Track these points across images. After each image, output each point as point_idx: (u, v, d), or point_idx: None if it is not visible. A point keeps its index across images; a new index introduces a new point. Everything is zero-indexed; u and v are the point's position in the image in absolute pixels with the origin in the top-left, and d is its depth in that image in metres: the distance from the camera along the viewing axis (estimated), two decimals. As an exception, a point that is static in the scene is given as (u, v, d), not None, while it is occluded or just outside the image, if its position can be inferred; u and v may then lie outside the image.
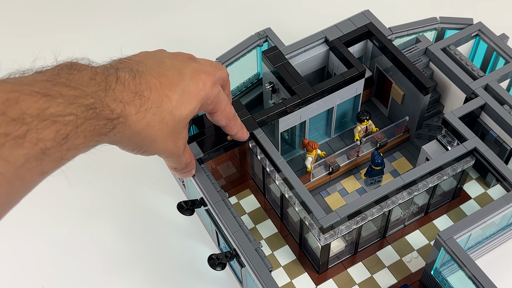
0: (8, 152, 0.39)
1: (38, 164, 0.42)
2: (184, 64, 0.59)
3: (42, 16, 1.27)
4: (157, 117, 0.54)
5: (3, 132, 0.39)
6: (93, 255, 0.91)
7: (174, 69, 0.57)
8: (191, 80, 0.58)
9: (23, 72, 0.46)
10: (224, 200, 0.79)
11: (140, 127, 0.52)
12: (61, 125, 0.43)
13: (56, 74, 0.47)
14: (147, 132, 0.53)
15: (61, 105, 0.43)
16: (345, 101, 0.95)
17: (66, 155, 0.44)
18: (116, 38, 1.22)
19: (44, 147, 0.42)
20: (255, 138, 0.84)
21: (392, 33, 0.97)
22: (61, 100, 0.44)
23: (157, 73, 0.56)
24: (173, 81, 0.56)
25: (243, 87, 1.03)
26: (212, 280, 0.88)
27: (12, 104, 0.40)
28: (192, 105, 0.58)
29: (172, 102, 0.55)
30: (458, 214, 0.93)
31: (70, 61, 0.50)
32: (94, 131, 0.46)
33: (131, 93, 0.51)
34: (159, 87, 0.54)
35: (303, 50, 0.94)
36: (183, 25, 1.24)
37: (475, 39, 0.99)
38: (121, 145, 0.54)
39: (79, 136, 0.45)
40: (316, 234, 0.78)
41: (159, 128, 0.54)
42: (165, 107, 0.54)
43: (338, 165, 0.94)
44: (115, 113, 0.49)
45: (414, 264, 0.88)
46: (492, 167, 0.81)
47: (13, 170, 0.40)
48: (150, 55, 0.59)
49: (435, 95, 0.99)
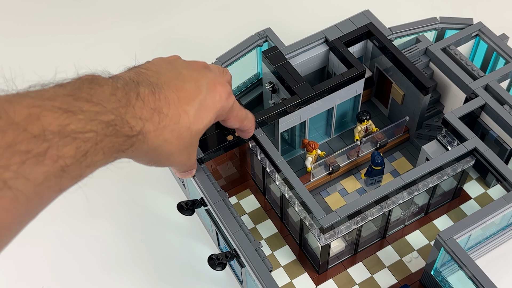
0: (29, 169, 0.39)
1: (57, 182, 0.41)
2: (200, 75, 0.59)
3: (45, 18, 1.27)
4: (175, 134, 0.54)
5: (25, 150, 0.39)
6: (93, 255, 0.91)
7: (191, 81, 0.57)
8: (208, 93, 0.58)
9: (44, 85, 0.45)
10: (224, 200, 0.79)
11: (158, 143, 0.52)
12: (81, 142, 0.43)
13: (78, 88, 0.46)
14: (164, 148, 0.53)
15: (81, 122, 0.43)
16: (345, 101, 0.95)
17: (85, 172, 0.44)
18: (117, 38, 1.22)
19: (64, 164, 0.41)
20: (255, 138, 0.84)
21: (392, 33, 0.97)
22: (82, 116, 0.43)
23: (175, 86, 0.55)
24: (191, 95, 0.56)
25: (243, 87, 1.03)
26: (212, 280, 0.88)
27: (34, 120, 0.40)
28: (208, 118, 0.58)
29: (189, 117, 0.55)
30: (458, 214, 0.93)
31: (91, 74, 0.49)
32: (113, 148, 0.46)
33: (150, 110, 0.51)
34: (177, 102, 0.54)
35: (303, 50, 0.94)
36: (183, 25, 1.24)
37: (475, 39, 0.99)
38: (137, 159, 0.54)
39: (98, 153, 0.44)
40: (316, 234, 0.78)
41: (177, 144, 0.54)
42: (183, 123, 0.54)
43: (338, 165, 0.94)
44: (135, 131, 0.49)
45: (414, 264, 0.87)
46: (492, 167, 0.81)
47: (32, 188, 0.39)
48: (166, 64, 0.59)
49: (435, 95, 0.99)
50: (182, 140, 0.55)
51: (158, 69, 0.57)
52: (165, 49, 1.20)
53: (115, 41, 1.22)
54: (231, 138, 0.83)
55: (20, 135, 0.39)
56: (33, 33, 1.24)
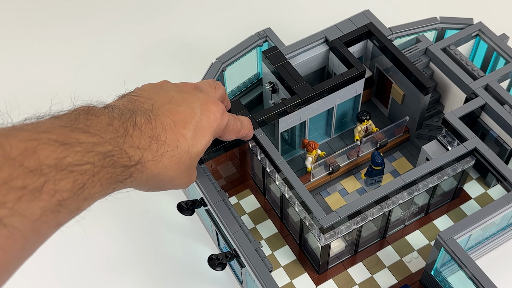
0: (25, 206, 0.38)
1: (54, 217, 0.41)
2: (192, 96, 0.59)
3: (45, 18, 1.27)
4: (174, 159, 0.53)
5: (21, 185, 0.38)
6: (93, 254, 0.91)
7: (184, 104, 0.57)
8: (203, 113, 0.58)
9: (40, 117, 0.45)
10: (224, 200, 0.79)
11: (157, 170, 0.52)
12: (78, 174, 0.42)
13: (74, 119, 0.45)
14: (164, 174, 0.53)
15: (78, 154, 0.42)
16: (345, 101, 0.95)
17: (82, 205, 0.44)
18: (116, 38, 1.22)
19: (61, 198, 0.41)
20: (255, 138, 0.84)
21: (392, 33, 0.97)
22: (79, 148, 0.43)
23: (169, 110, 0.55)
24: (186, 118, 0.55)
25: (243, 87, 1.03)
26: (212, 280, 0.88)
27: (30, 154, 0.39)
28: (206, 139, 0.58)
29: (188, 141, 0.55)
30: (458, 214, 0.93)
31: (87, 106, 0.49)
32: (111, 179, 0.46)
33: (148, 138, 0.50)
34: (174, 127, 0.54)
35: (303, 50, 0.94)
36: (183, 25, 1.24)
37: (475, 39, 0.99)
38: (137, 188, 0.54)
39: (95, 184, 0.44)
40: (316, 234, 0.78)
41: (177, 168, 0.54)
42: (181, 148, 0.54)
43: (338, 165, 0.94)
44: (133, 160, 0.48)
45: (414, 264, 0.87)
46: (492, 167, 0.81)
47: (29, 225, 0.39)
48: (157, 89, 0.58)
49: (435, 95, 0.99)
50: (182, 164, 0.55)
51: (149, 95, 0.56)
52: (165, 49, 1.20)
53: (115, 41, 1.22)
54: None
55: (16, 170, 0.38)
56: (32, 33, 1.24)
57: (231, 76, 0.98)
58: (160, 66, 1.17)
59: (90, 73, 1.16)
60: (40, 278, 0.89)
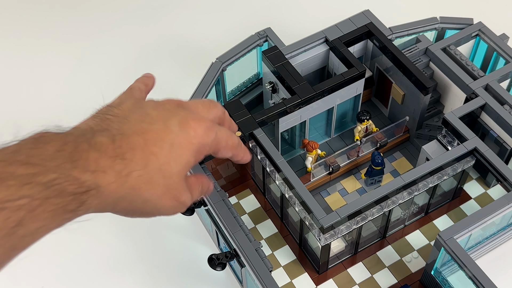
0: None
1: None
2: (170, 113, 0.54)
3: (45, 18, 1.27)
4: (143, 179, 0.49)
5: None
6: (93, 254, 0.91)
7: (159, 121, 0.52)
8: (180, 130, 0.53)
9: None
10: (224, 200, 0.79)
11: (124, 191, 0.47)
12: (10, 212, 0.38)
13: (15, 151, 0.42)
14: (133, 195, 0.49)
15: (11, 188, 0.39)
16: (345, 101, 0.95)
17: (21, 242, 0.40)
18: (117, 38, 1.22)
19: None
20: (255, 138, 0.84)
21: (392, 33, 0.97)
22: (12, 182, 0.39)
23: (141, 129, 0.50)
24: (159, 136, 0.51)
25: (243, 87, 1.03)
26: (212, 280, 0.88)
27: None
28: (184, 157, 0.52)
29: (159, 159, 0.50)
30: (458, 214, 0.93)
31: (40, 132, 0.44)
32: (57, 211, 0.42)
33: (108, 159, 0.46)
34: (144, 145, 0.49)
35: (303, 50, 0.94)
36: (183, 25, 1.24)
37: (475, 39, 0.99)
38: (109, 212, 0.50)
39: (36, 219, 0.40)
40: (316, 234, 0.78)
41: (148, 189, 0.49)
42: (151, 167, 0.49)
43: (338, 165, 0.94)
44: (85, 186, 0.44)
45: (414, 264, 0.87)
46: (492, 167, 0.81)
47: None
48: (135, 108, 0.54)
49: (435, 95, 0.99)
50: (154, 184, 0.50)
51: (125, 114, 0.52)
52: (166, 49, 1.20)
53: (115, 42, 1.22)
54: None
55: None
56: (33, 32, 1.24)
57: (231, 76, 0.98)
58: (160, 66, 1.17)
59: (90, 74, 1.16)
60: (40, 278, 0.89)
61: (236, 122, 0.84)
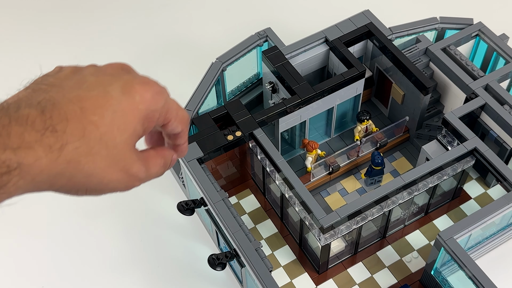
0: None
1: None
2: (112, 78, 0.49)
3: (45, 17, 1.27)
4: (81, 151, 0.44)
5: None
6: (93, 254, 0.91)
7: (99, 87, 0.47)
8: (124, 95, 0.47)
9: None
10: (224, 200, 0.79)
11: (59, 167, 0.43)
12: None
13: None
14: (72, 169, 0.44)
15: None
16: (345, 101, 0.95)
17: None
18: (116, 37, 1.22)
19: None
20: (255, 138, 0.84)
21: (392, 33, 0.97)
22: None
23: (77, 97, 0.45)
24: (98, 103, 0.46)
25: (243, 87, 1.03)
26: (212, 280, 0.88)
27: None
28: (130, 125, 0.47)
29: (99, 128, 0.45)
30: (458, 214, 0.93)
31: None
32: None
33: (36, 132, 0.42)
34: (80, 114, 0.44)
35: (303, 50, 0.94)
36: (183, 25, 1.24)
37: (475, 39, 0.99)
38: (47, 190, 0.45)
39: None
40: (316, 234, 0.78)
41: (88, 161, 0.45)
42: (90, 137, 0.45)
43: (338, 165, 0.94)
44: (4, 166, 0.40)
45: (414, 264, 0.87)
46: (492, 167, 0.81)
47: None
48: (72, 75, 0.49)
49: (435, 95, 0.99)
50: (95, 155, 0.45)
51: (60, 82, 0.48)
52: (165, 49, 1.20)
53: (115, 42, 1.22)
54: (231, 138, 0.83)
55: None
56: (33, 32, 1.24)
57: (231, 76, 0.98)
58: (160, 66, 1.17)
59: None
60: (40, 278, 0.89)
61: (236, 122, 0.85)
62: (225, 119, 0.86)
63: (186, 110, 0.87)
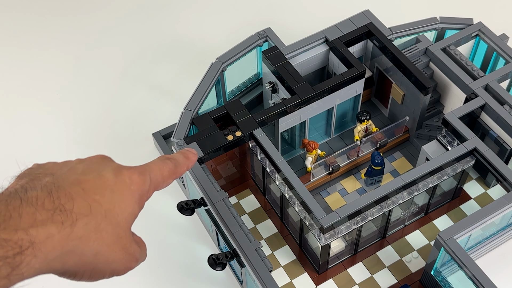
0: None
1: None
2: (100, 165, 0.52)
3: (45, 17, 1.27)
4: (90, 226, 0.45)
5: None
6: (93, 255, 0.91)
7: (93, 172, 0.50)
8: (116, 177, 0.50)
9: None
10: (224, 200, 0.79)
11: (72, 243, 0.44)
12: None
13: None
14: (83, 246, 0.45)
15: None
16: (345, 101, 0.95)
17: None
18: (117, 39, 1.22)
19: None
20: (255, 138, 0.84)
21: (392, 33, 0.97)
22: None
23: (77, 180, 0.48)
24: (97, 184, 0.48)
25: (243, 87, 1.03)
26: (212, 280, 0.88)
27: None
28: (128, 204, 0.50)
29: (103, 205, 0.47)
30: (458, 214, 0.93)
31: None
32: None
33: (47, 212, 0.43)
34: (83, 194, 0.46)
35: (303, 50, 0.94)
36: (183, 25, 1.24)
37: (475, 39, 0.99)
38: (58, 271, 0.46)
39: None
40: (316, 234, 0.78)
41: (97, 238, 0.46)
42: (96, 213, 0.46)
43: (338, 165, 0.94)
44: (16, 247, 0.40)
45: (414, 264, 0.87)
46: (492, 167, 0.81)
47: None
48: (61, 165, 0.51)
49: (435, 95, 0.99)
50: (103, 232, 0.47)
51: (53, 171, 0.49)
52: (166, 49, 1.20)
53: (115, 42, 1.22)
54: (231, 138, 0.83)
55: None
56: (33, 32, 1.24)
57: (231, 76, 0.98)
58: (160, 66, 1.17)
59: (90, 74, 1.16)
60: (40, 278, 0.89)
61: (236, 122, 0.85)
62: (225, 119, 0.87)
63: (186, 110, 0.87)
